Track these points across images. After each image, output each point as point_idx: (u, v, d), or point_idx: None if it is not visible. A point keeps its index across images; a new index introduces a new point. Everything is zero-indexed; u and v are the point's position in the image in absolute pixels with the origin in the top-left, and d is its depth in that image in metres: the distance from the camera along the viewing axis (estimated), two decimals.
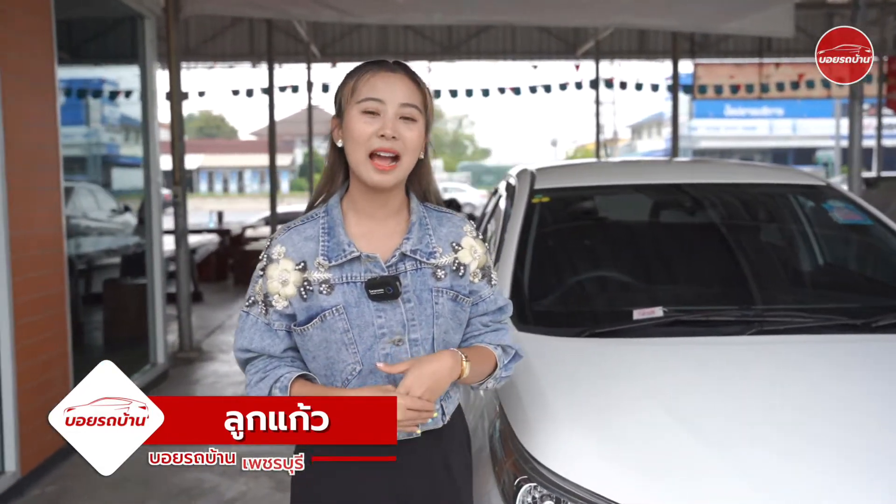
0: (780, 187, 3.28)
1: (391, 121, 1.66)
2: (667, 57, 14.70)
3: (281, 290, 1.70)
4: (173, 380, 6.53)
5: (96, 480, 4.37)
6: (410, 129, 1.68)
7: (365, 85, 1.67)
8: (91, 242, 7.82)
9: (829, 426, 1.95)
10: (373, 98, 1.66)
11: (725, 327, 2.48)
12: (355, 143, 1.67)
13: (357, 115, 1.67)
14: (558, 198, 3.18)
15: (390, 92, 1.67)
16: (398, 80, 1.68)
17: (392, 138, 1.65)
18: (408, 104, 1.67)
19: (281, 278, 1.69)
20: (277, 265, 1.70)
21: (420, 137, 1.71)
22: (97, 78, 7.09)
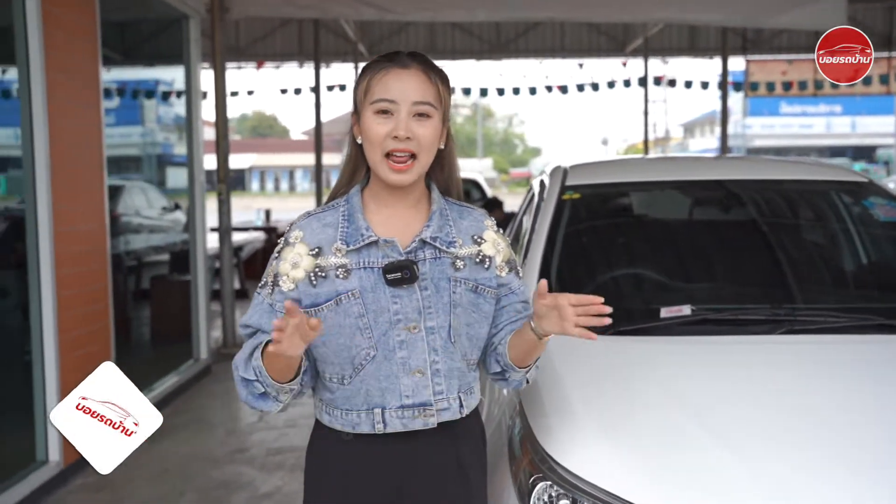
0: (820, 184, 3.19)
1: (404, 121, 1.66)
2: (718, 54, 14.46)
3: (290, 272, 1.70)
4: (216, 375, 6.62)
5: (137, 472, 4.46)
6: (424, 126, 1.68)
7: (378, 84, 1.68)
8: (142, 239, 7.99)
9: (855, 433, 1.88)
10: (385, 99, 1.67)
11: (754, 326, 2.41)
12: (371, 143, 1.69)
13: (371, 115, 1.68)
14: (589, 194, 3.13)
15: (402, 91, 1.67)
16: (410, 78, 1.68)
17: (406, 139, 1.66)
18: (420, 102, 1.68)
19: (293, 261, 1.70)
20: (292, 248, 1.72)
21: (435, 133, 1.71)
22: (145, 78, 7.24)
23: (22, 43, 4.06)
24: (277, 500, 4.07)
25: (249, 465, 4.56)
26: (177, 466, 4.58)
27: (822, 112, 38.98)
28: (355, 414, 1.73)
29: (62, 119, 4.27)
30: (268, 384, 1.66)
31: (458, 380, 1.74)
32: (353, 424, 1.73)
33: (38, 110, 4.08)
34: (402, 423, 1.71)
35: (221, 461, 4.64)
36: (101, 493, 4.23)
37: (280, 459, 4.63)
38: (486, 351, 1.83)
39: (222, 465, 4.58)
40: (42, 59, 4.08)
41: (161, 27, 6.55)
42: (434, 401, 1.71)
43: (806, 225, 3.23)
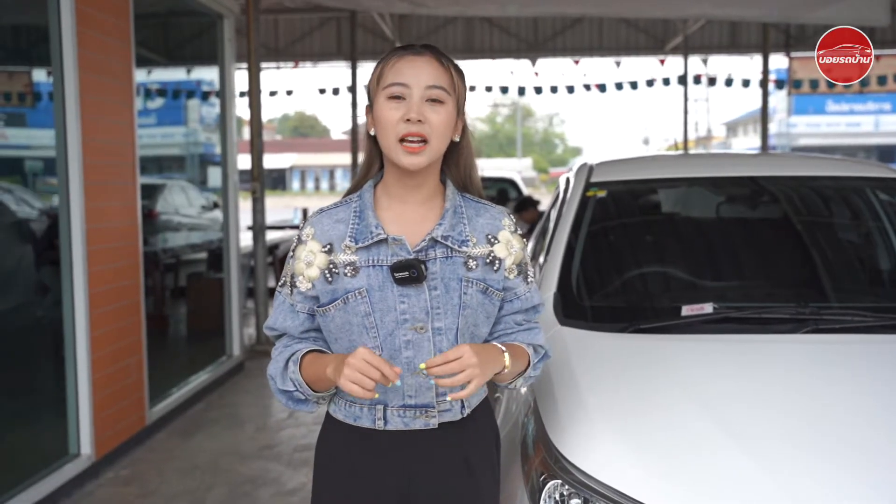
0: (853, 180, 3.11)
1: (417, 104, 1.63)
2: (759, 51, 14.22)
3: (305, 271, 1.70)
4: (249, 371, 6.67)
5: (167, 466, 4.52)
6: (437, 111, 1.65)
7: (390, 70, 1.66)
8: (181, 237, 8.09)
9: (876, 437, 1.81)
10: (398, 83, 1.64)
11: (777, 325, 2.35)
12: (384, 129, 1.66)
13: (384, 101, 1.66)
14: (614, 191, 3.09)
15: (415, 75, 1.64)
16: (423, 63, 1.66)
17: (418, 122, 1.63)
18: (434, 86, 1.64)
19: (306, 259, 1.70)
20: (305, 246, 1.71)
21: (448, 120, 1.67)
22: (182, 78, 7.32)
23: (56, 43, 4.12)
24: (302, 496, 4.08)
25: (277, 462, 4.58)
26: (206, 461, 4.62)
27: (870, 110, 38.15)
28: (357, 407, 1.73)
29: (95, 118, 4.33)
30: (308, 394, 1.69)
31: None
32: (355, 417, 1.73)
33: (72, 110, 4.14)
34: (403, 423, 1.71)
35: (250, 457, 4.67)
36: (130, 486, 4.29)
37: (307, 456, 4.64)
38: None
39: (250, 461, 4.60)
40: (75, 58, 4.14)
41: (196, 27, 6.61)
42: (436, 402, 1.71)
43: (837, 222, 3.16)
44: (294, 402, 1.74)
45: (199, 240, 8.30)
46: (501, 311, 1.78)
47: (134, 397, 4.83)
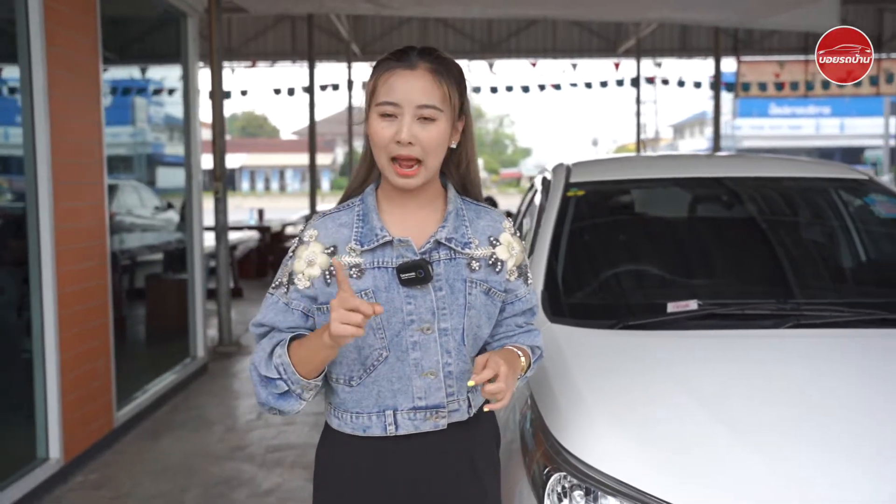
0: (822, 181, 3.23)
1: (407, 125, 1.62)
2: (709, 54, 14.54)
3: (306, 269, 1.68)
4: (213, 373, 6.62)
5: (138, 469, 4.47)
6: (429, 129, 1.63)
7: (383, 86, 1.64)
8: (135, 238, 7.96)
9: (864, 425, 1.90)
10: (388, 102, 1.63)
11: (761, 321, 2.44)
12: (376, 147, 1.66)
13: (376, 118, 1.65)
14: (593, 191, 3.16)
15: (406, 94, 1.62)
16: (416, 80, 1.63)
17: (409, 144, 1.62)
18: (424, 105, 1.62)
19: (308, 259, 1.68)
20: (307, 247, 1.69)
21: (440, 135, 1.65)
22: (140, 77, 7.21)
23: (24, 39, 4.05)
24: (279, 496, 4.08)
25: (250, 462, 4.56)
26: (178, 463, 4.58)
27: (811, 113, 39.23)
28: (366, 416, 1.71)
29: (63, 116, 4.27)
30: (293, 381, 1.63)
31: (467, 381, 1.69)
32: (364, 427, 1.71)
33: (40, 107, 4.08)
34: (413, 425, 1.69)
35: (222, 458, 4.65)
36: (101, 490, 4.23)
37: (279, 456, 4.63)
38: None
39: (223, 462, 4.58)
40: (44, 55, 4.08)
41: (159, 25, 6.53)
42: (446, 402, 1.71)
43: (808, 221, 3.27)
44: (275, 397, 1.66)
45: (154, 241, 8.19)
46: (503, 314, 1.80)
47: (102, 400, 4.76)
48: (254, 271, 12.42)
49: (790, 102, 36.95)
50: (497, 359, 1.58)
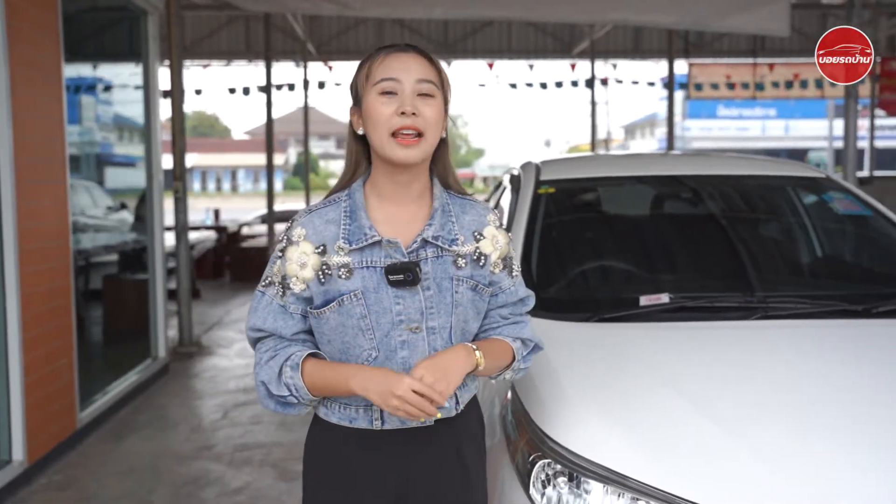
0: (782, 179, 3.34)
1: (409, 97, 1.64)
2: (662, 56, 14.81)
3: (299, 272, 1.68)
4: (174, 373, 6.57)
5: (103, 470, 4.43)
6: (429, 105, 1.66)
7: (379, 67, 1.67)
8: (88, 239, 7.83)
9: (833, 406, 2.00)
10: (389, 78, 1.65)
11: (729, 313, 2.54)
12: (376, 124, 1.65)
13: (375, 96, 1.65)
14: (563, 189, 3.23)
15: (405, 70, 1.65)
16: (411, 59, 1.67)
17: (412, 114, 1.63)
18: (424, 80, 1.66)
19: (300, 261, 1.67)
20: (297, 248, 1.68)
21: (439, 114, 1.68)
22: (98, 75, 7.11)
23: None
24: (249, 495, 4.08)
25: (217, 462, 4.55)
26: (143, 464, 4.55)
27: (757, 115, 40.07)
28: (353, 409, 1.72)
29: (26, 114, 4.22)
30: (305, 399, 1.67)
31: None
32: (351, 419, 1.73)
33: (3, 105, 4.02)
34: (399, 421, 1.70)
35: (188, 458, 4.62)
36: (66, 491, 4.19)
37: (247, 455, 4.63)
38: None
39: (189, 462, 4.56)
40: (6, 52, 4.02)
41: (119, 23, 6.46)
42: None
43: (769, 218, 3.39)
44: (283, 406, 1.70)
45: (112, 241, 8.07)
46: (490, 306, 1.81)
47: (65, 400, 4.71)
48: (210, 272, 12.32)
49: (737, 104, 37.71)
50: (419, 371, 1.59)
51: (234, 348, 7.54)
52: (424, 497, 1.76)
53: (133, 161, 6.79)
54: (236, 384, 6.21)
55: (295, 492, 4.10)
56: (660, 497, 1.79)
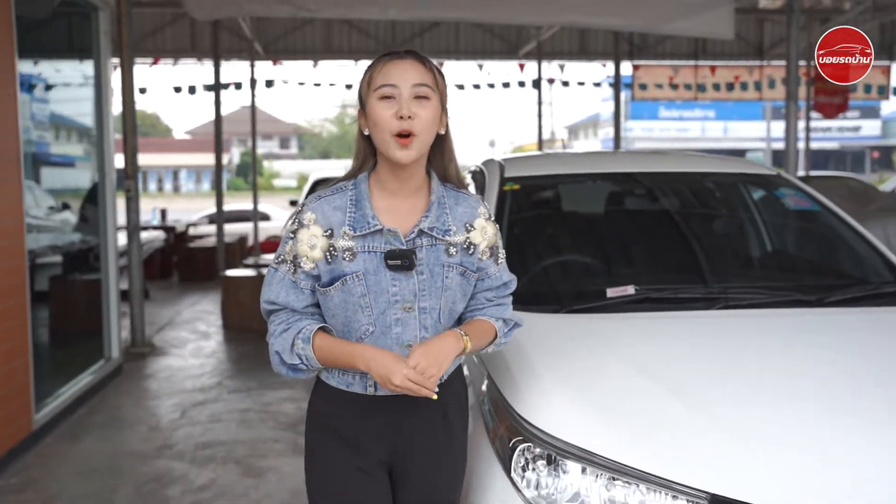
0: (737, 176, 3.49)
1: (406, 101, 1.83)
2: (607, 58, 15.07)
3: (309, 253, 1.88)
4: (128, 374, 6.50)
5: (62, 470, 4.39)
6: (425, 107, 1.85)
7: (379, 74, 1.86)
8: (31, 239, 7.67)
9: (796, 386, 2.14)
10: (387, 84, 1.84)
11: (693, 303, 2.66)
12: (378, 127, 1.85)
13: (376, 101, 1.85)
14: (528, 185, 3.32)
15: (401, 76, 1.84)
16: (408, 65, 1.86)
17: (409, 118, 1.82)
18: (420, 84, 1.84)
19: (310, 242, 1.88)
20: (308, 230, 1.89)
21: (434, 114, 1.88)
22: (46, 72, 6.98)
23: None
24: (214, 491, 4.08)
25: (180, 460, 4.53)
26: (103, 463, 4.52)
27: (697, 117, 40.95)
28: (350, 375, 1.93)
29: None
30: (314, 367, 1.89)
31: None
32: (347, 383, 1.94)
33: None
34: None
35: (149, 457, 4.60)
36: (25, 493, 4.14)
37: (210, 453, 4.62)
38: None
39: (151, 461, 4.54)
40: None
41: (68, 19, 6.36)
42: None
43: (725, 213, 3.53)
44: (293, 371, 1.92)
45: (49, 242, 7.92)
46: (475, 289, 2.02)
47: (20, 402, 4.64)
48: (158, 272, 12.16)
49: (678, 106, 38.51)
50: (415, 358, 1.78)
51: (187, 348, 7.48)
52: (413, 456, 1.97)
53: (73, 161, 6.69)
54: (193, 384, 6.18)
55: (261, 487, 4.12)
56: (634, 475, 1.89)
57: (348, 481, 1.95)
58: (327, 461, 1.97)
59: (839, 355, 2.32)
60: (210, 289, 11.00)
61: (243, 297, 8.25)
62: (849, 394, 2.10)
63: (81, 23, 6.27)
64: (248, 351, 7.33)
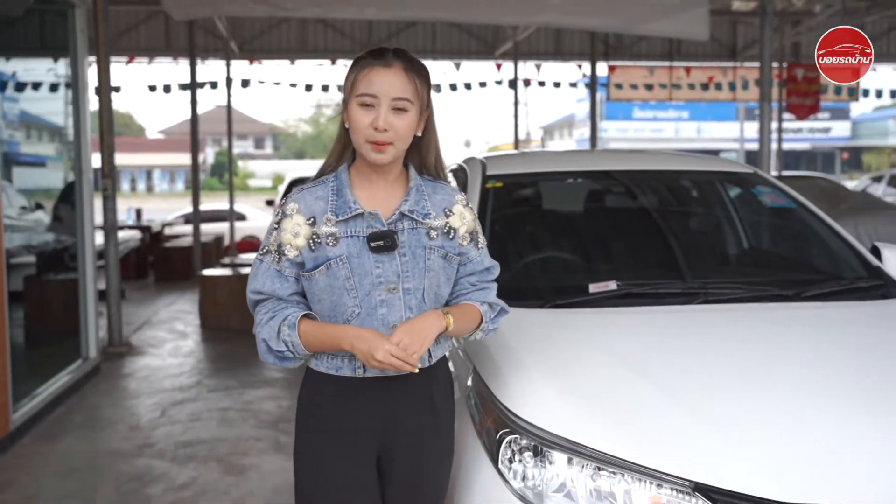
0: (714, 174, 3.55)
1: (384, 114, 1.90)
2: (583, 58, 15.17)
3: (293, 241, 1.95)
4: (106, 374, 6.46)
5: (42, 471, 4.37)
6: (401, 118, 1.93)
7: (362, 80, 1.93)
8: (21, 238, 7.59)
9: (771, 375, 2.21)
10: (368, 94, 1.91)
11: (673, 298, 2.71)
12: (356, 131, 1.94)
13: (356, 107, 1.93)
14: (510, 183, 3.36)
15: (383, 88, 1.91)
16: (392, 76, 1.92)
17: (384, 130, 1.90)
18: (399, 98, 1.91)
19: (293, 231, 1.95)
20: (291, 220, 1.96)
21: (410, 124, 1.95)
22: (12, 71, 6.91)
23: None
24: (196, 489, 4.08)
25: (160, 459, 4.52)
26: (83, 463, 4.50)
27: (671, 117, 41.27)
28: (339, 359, 1.98)
29: None
30: (300, 354, 1.95)
31: None
32: (337, 368, 1.99)
33: None
34: (379, 370, 1.95)
35: (130, 456, 4.59)
36: (5, 493, 4.11)
37: (191, 451, 4.62)
38: None
39: (131, 460, 4.52)
40: None
41: (45, 17, 6.31)
42: None
43: (703, 210, 3.60)
44: (281, 359, 1.97)
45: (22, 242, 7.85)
46: (458, 274, 2.08)
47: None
48: (133, 272, 12.08)
49: (652, 107, 38.81)
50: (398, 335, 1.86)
51: (165, 348, 7.45)
52: (402, 440, 2.02)
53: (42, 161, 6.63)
54: (172, 383, 6.16)
55: (242, 485, 4.13)
56: (619, 464, 1.93)
57: (337, 472, 1.99)
58: (316, 452, 2.00)
59: (816, 347, 2.39)
60: (186, 289, 10.95)
61: (221, 297, 8.23)
62: (826, 383, 2.17)
63: (58, 21, 6.22)
64: (227, 350, 7.31)
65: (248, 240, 14.87)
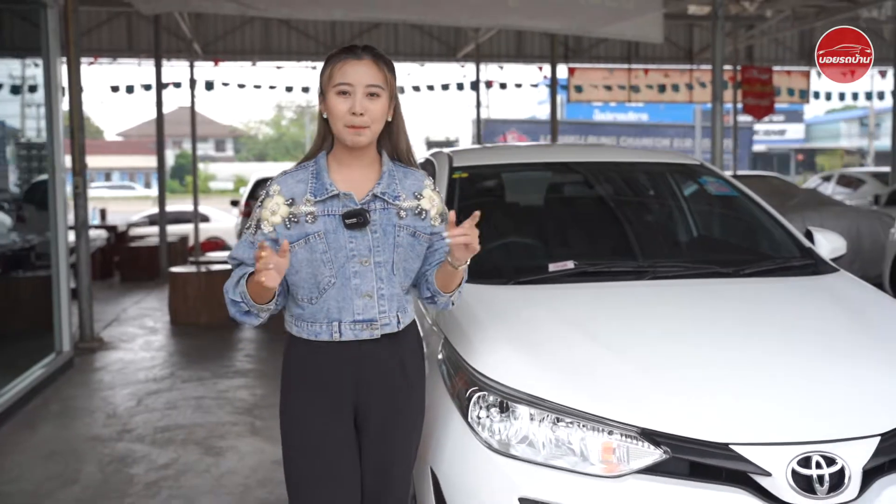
0: (664, 166, 3.84)
1: (360, 100, 2.17)
2: (544, 60, 15.51)
3: (269, 217, 2.20)
4: (79, 367, 6.59)
5: (22, 457, 4.51)
6: (375, 103, 2.20)
7: (338, 72, 2.20)
8: None
9: (709, 335, 2.53)
10: (344, 83, 2.18)
11: (625, 275, 2.99)
12: (335, 117, 2.20)
13: (334, 96, 2.19)
14: (475, 174, 3.61)
15: (357, 77, 2.18)
16: (363, 66, 2.19)
17: (360, 115, 2.16)
18: (371, 84, 2.18)
19: (272, 209, 2.20)
20: (272, 199, 2.21)
21: (383, 108, 2.22)
22: None
23: None
24: (178, 469, 4.26)
25: (140, 443, 4.69)
26: (64, 448, 4.65)
27: (631, 120, 41.88)
28: (318, 325, 2.24)
29: None
30: (250, 305, 2.18)
31: (397, 302, 2.26)
32: (315, 333, 2.24)
33: None
34: (353, 334, 2.22)
35: (110, 440, 4.75)
36: None
37: (170, 435, 4.79)
38: (419, 281, 2.35)
39: (112, 444, 4.68)
40: None
41: (15, 17, 6.42)
42: (378, 317, 2.23)
43: (655, 198, 3.88)
44: (241, 313, 2.21)
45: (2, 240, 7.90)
46: (434, 248, 2.32)
47: None
48: (98, 271, 12.11)
49: (612, 109, 39.36)
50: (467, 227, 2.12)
51: (137, 343, 7.58)
52: (375, 397, 2.25)
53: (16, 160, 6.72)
54: (145, 375, 6.31)
55: (222, 464, 4.32)
56: (574, 414, 2.21)
57: (317, 425, 2.23)
58: (299, 408, 2.25)
59: (749, 311, 2.70)
60: (153, 287, 11.04)
61: (191, 293, 8.37)
62: (758, 340, 2.48)
63: (29, 21, 6.33)
64: (198, 344, 7.46)
65: (213, 240, 14.96)
